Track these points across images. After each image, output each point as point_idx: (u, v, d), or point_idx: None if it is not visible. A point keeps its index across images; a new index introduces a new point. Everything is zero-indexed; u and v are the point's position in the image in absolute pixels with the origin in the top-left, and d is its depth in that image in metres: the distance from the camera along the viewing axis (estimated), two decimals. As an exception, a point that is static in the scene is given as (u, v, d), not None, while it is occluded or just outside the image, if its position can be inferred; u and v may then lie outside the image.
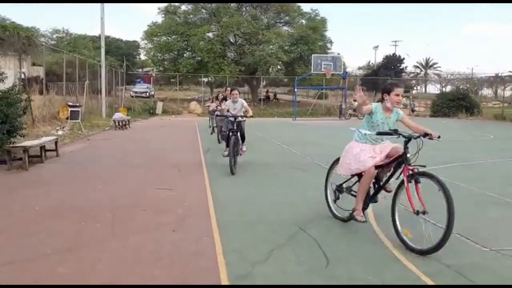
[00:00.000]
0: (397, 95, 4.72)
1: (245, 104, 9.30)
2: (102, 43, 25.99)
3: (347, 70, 41.67)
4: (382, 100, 4.82)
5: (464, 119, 33.88)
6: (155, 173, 8.42)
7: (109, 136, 16.36)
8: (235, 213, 5.55)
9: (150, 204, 5.95)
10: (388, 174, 4.80)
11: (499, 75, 44.67)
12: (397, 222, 4.51)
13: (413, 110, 42.99)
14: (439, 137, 4.58)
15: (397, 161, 4.61)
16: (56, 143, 10.85)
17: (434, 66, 77.56)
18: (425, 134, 4.55)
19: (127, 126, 20.27)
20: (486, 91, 53.59)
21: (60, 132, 16.25)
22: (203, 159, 10.43)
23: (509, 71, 53.36)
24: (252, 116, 9.39)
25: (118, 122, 19.64)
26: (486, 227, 5.11)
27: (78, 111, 18.11)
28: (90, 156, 10.98)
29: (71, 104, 18.56)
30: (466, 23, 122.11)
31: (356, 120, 31.62)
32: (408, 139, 4.51)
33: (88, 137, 15.50)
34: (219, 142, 13.49)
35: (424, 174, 4.34)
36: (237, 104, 9.16)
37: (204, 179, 7.77)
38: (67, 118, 18.13)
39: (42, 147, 9.93)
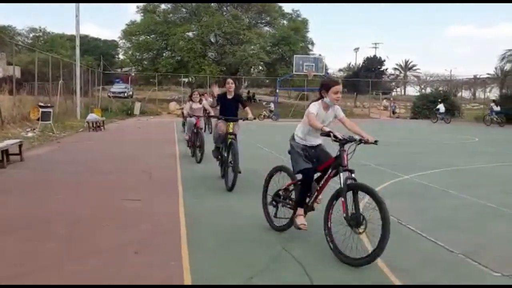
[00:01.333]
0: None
1: (342, 114, 4.56)
2: (77, 42, 24.99)
3: (328, 71, 41.31)
4: None
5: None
6: (124, 180, 7.73)
7: (81, 138, 15.54)
8: (210, 229, 4.91)
9: (113, 218, 5.28)
10: None
11: (478, 77, 44.96)
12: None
13: (394, 112, 42.96)
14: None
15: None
16: (20, 146, 10.02)
17: (414, 68, 77.99)
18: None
19: (102, 127, 19.42)
20: (465, 93, 53.99)
21: (30, 134, 15.39)
22: (178, 163, 9.75)
23: (487, 74, 53.80)
24: (375, 142, 4.22)
25: (92, 124, 18.79)
26: (494, 246, 4.52)
27: (50, 112, 17.18)
28: (57, 160, 10.19)
29: (42, 104, 17.64)
30: (445, 26, 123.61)
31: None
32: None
33: (59, 140, 14.65)
34: (198, 160, 9.91)
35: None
36: (329, 113, 4.51)
37: (177, 187, 7.10)
38: (38, 119, 17.21)
39: (4, 151, 9.13)
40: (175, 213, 5.54)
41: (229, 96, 7.82)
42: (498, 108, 28.76)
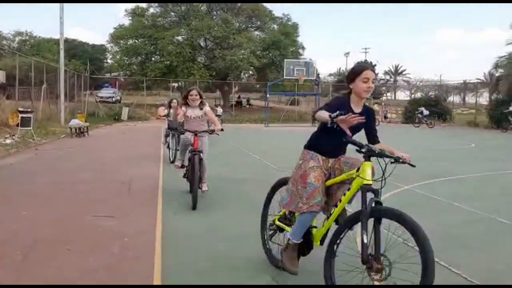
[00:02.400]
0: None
1: None
2: (61, 44, 24.24)
3: (320, 75, 40.83)
4: None
5: (437, 126, 33.40)
6: (99, 193, 7.03)
7: (62, 145, 14.78)
8: (188, 253, 4.25)
9: (79, 239, 4.60)
10: None
11: (467, 82, 44.93)
12: None
13: (385, 117, 42.59)
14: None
15: None
16: (-11, 154, 9.32)
17: (403, 73, 78.10)
18: None
19: (85, 133, 18.65)
20: (454, 98, 54.02)
21: (8, 141, 14.63)
22: (161, 173, 9.07)
23: (477, 79, 53.76)
24: None
25: (75, 129, 18.02)
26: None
27: (30, 117, 16.42)
28: (30, 170, 9.45)
29: (21, 109, 16.86)
30: (434, 31, 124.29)
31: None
32: None
33: (38, 147, 13.89)
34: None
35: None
36: None
37: (156, 202, 6.39)
38: (17, 125, 16.42)
39: (-28, 160, 8.44)
40: (150, 231, 4.88)
41: (358, 109, 3.46)
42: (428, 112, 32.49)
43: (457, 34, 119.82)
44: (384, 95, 65.97)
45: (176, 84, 44.88)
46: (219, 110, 32.23)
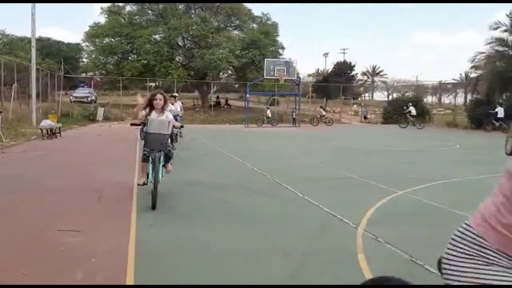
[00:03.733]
0: None
1: None
2: (33, 42, 23.26)
3: (300, 76, 40.45)
4: None
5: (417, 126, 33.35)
6: (67, 202, 6.36)
7: (31, 147, 13.95)
8: (165, 275, 3.67)
9: (39, 260, 3.97)
10: None
11: (443, 82, 45.43)
12: None
13: (365, 117, 42.58)
14: None
15: None
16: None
17: (381, 73, 78.47)
18: None
19: (57, 135, 17.79)
20: (431, 98, 54.69)
21: (-27, 143, 13.79)
22: (136, 179, 8.39)
23: (453, 79, 54.35)
24: None
25: (47, 131, 17.14)
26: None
27: (-3, 118, 15.58)
28: (-7, 175, 8.72)
29: (-12, 110, 15.98)
30: (412, 33, 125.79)
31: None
32: None
33: (5, 149, 13.05)
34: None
35: None
36: None
37: (130, 212, 5.74)
38: (-16, 127, 15.53)
39: None
40: (123, 249, 4.26)
41: None
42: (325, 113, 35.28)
43: (434, 36, 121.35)
44: (362, 95, 66.32)
45: (153, 84, 43.96)
46: (178, 105, 15.58)
